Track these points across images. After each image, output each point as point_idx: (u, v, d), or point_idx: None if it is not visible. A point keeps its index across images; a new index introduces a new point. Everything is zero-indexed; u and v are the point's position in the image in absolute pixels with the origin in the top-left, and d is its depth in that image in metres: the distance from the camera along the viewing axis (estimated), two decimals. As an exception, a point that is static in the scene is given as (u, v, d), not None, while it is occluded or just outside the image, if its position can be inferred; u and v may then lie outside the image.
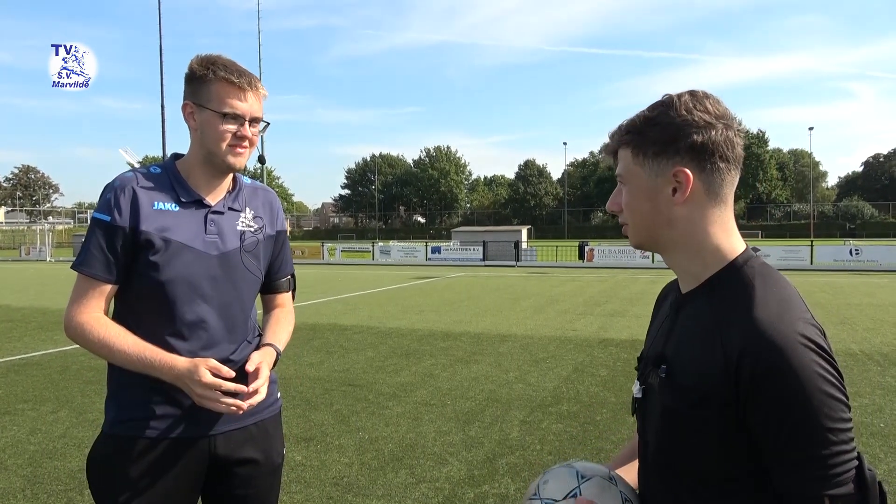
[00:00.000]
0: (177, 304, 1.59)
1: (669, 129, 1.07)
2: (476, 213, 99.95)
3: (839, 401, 0.95)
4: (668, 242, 1.14)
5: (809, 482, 0.95)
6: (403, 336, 9.18)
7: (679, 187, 1.08)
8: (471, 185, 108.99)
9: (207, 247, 1.63)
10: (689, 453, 1.08)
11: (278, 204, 1.85)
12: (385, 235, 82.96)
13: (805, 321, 0.99)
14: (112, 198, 1.58)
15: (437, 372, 6.85)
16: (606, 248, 28.90)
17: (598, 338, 8.89)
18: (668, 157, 1.08)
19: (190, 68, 1.62)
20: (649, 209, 1.12)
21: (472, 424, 5.00)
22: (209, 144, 1.61)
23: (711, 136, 1.06)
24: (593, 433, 4.78)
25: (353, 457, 4.33)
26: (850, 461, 0.95)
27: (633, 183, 1.13)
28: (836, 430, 0.95)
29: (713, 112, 1.08)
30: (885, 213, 77.96)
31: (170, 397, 1.59)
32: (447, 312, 11.86)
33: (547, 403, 5.59)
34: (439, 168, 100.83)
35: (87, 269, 1.57)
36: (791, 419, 0.95)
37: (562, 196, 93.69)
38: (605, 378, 6.52)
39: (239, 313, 1.70)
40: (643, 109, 1.13)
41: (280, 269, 1.85)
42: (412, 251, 32.17)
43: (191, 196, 1.64)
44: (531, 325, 10.11)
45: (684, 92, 1.11)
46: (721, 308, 1.05)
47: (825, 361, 0.96)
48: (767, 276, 1.07)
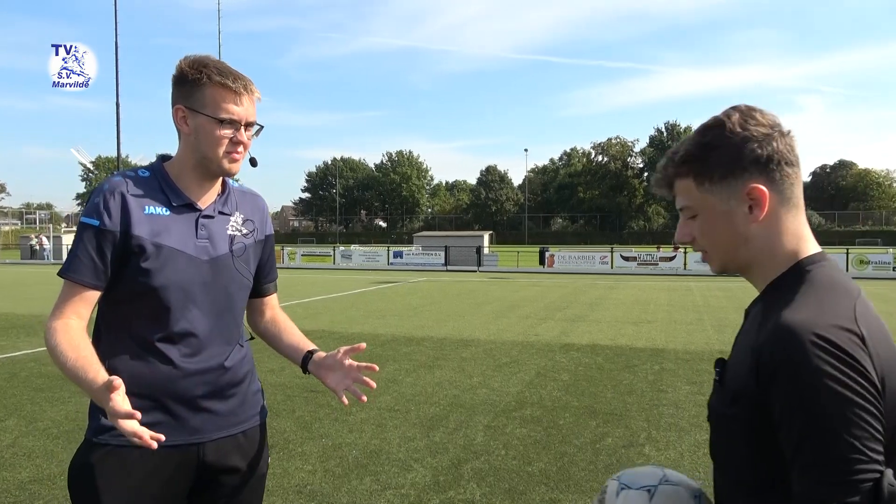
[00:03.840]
0: (169, 310, 1.55)
1: (731, 149, 1.07)
2: (437, 217, 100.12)
3: (859, 406, 0.91)
4: (746, 259, 1.13)
5: (816, 486, 0.91)
6: (366, 341, 8.98)
7: (755, 204, 1.08)
8: (432, 189, 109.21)
9: (199, 251, 1.60)
10: (728, 455, 1.09)
11: (267, 208, 1.83)
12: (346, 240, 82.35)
13: (834, 325, 0.95)
14: (101, 201, 1.53)
15: (401, 377, 6.83)
16: (567, 254, 29.30)
17: (559, 343, 8.99)
18: (737, 178, 1.07)
19: (179, 70, 1.58)
20: (729, 233, 1.11)
21: (437, 430, 4.99)
22: (204, 150, 1.58)
23: (773, 146, 1.07)
24: (556, 437, 4.82)
25: (317, 464, 4.27)
26: (866, 471, 0.89)
27: (706, 211, 1.12)
28: (852, 436, 0.90)
29: (765, 122, 1.08)
30: (831, 222, 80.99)
31: (159, 403, 1.56)
32: (410, 317, 11.83)
33: (510, 408, 5.62)
34: (401, 172, 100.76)
35: (74, 276, 1.52)
36: (800, 418, 0.93)
37: (522, 202, 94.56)
38: (568, 382, 6.59)
39: (230, 318, 1.67)
40: (691, 137, 1.12)
41: (268, 274, 1.84)
42: (374, 256, 32.03)
43: (181, 200, 1.61)
44: (494, 330, 10.16)
45: (729, 111, 1.11)
46: (768, 310, 1.05)
47: (844, 364, 0.92)
48: (823, 280, 1.05)
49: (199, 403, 1.60)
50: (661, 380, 6.70)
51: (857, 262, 24.94)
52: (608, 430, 5.01)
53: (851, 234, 71.15)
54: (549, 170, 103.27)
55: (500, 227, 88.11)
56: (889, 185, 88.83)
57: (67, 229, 52.68)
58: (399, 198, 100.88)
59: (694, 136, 1.12)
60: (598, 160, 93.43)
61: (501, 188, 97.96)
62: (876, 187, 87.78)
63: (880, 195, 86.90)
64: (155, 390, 1.55)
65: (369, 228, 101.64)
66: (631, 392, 6.18)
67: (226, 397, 1.65)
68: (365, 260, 31.69)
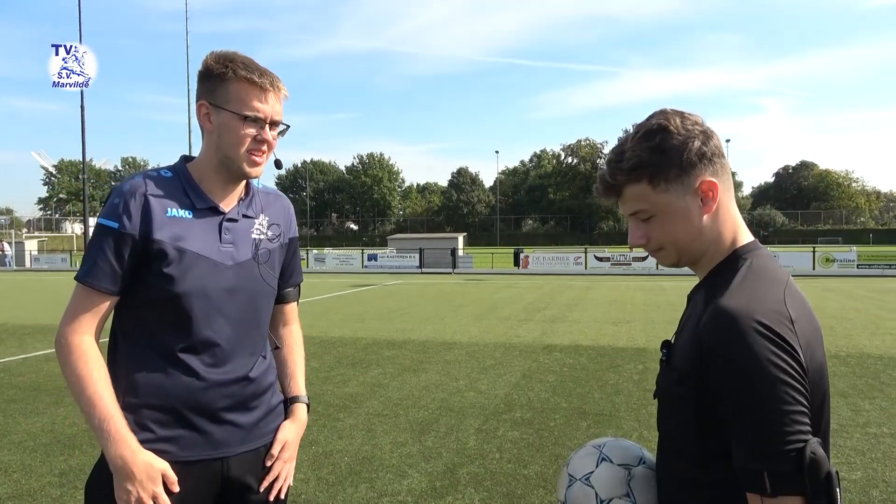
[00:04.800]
0: (191, 319, 1.48)
1: (680, 149, 1.14)
2: (409, 220, 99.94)
3: (787, 384, 0.99)
4: (699, 250, 1.20)
5: (751, 457, 1.00)
6: (347, 345, 9.01)
7: (707, 196, 1.16)
8: (404, 192, 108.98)
9: (223, 257, 1.52)
10: (674, 429, 1.17)
11: (292, 209, 1.75)
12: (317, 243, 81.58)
13: (768, 309, 1.04)
14: (121, 203, 1.45)
15: (386, 381, 6.74)
16: (541, 255, 29.45)
17: (541, 344, 9.00)
18: (689, 174, 1.14)
19: (205, 65, 1.50)
20: (686, 228, 1.17)
21: (428, 434, 4.93)
22: (226, 148, 1.50)
23: (713, 141, 1.16)
24: (549, 439, 4.80)
25: (309, 472, 4.18)
26: (793, 442, 0.98)
27: (664, 210, 1.17)
28: (781, 411, 0.99)
29: (698, 122, 1.17)
30: (794, 221, 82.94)
31: (180, 416, 1.48)
32: (389, 320, 11.74)
33: (500, 411, 5.59)
34: (372, 175, 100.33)
35: (93, 282, 1.44)
36: (736, 395, 1.01)
37: (494, 204, 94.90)
38: (554, 384, 6.59)
39: (255, 327, 1.60)
40: (635, 143, 1.16)
41: (291, 278, 1.76)
42: (348, 259, 31.76)
43: (205, 202, 1.53)
44: (475, 333, 10.13)
45: (661, 114, 1.17)
46: (710, 295, 1.12)
47: (775, 346, 1.00)
48: (756, 267, 1.14)
49: (222, 416, 1.53)
50: (646, 379, 6.73)
51: (823, 260, 25.54)
52: (600, 430, 5.01)
53: (813, 233, 73.01)
54: (519, 171, 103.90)
55: (471, 228, 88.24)
56: (848, 186, 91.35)
57: (29, 235, 51.24)
58: (370, 200, 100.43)
59: (639, 142, 1.15)
60: (567, 162, 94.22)
61: (473, 190, 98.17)
62: (836, 187, 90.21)
63: (840, 195, 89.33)
64: (177, 402, 1.48)
65: (340, 231, 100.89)
66: (618, 392, 6.20)
67: (250, 409, 1.58)
68: (339, 263, 31.41)
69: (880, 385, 6.36)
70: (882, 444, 4.60)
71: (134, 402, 1.48)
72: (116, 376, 1.47)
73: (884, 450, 4.49)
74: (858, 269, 24.84)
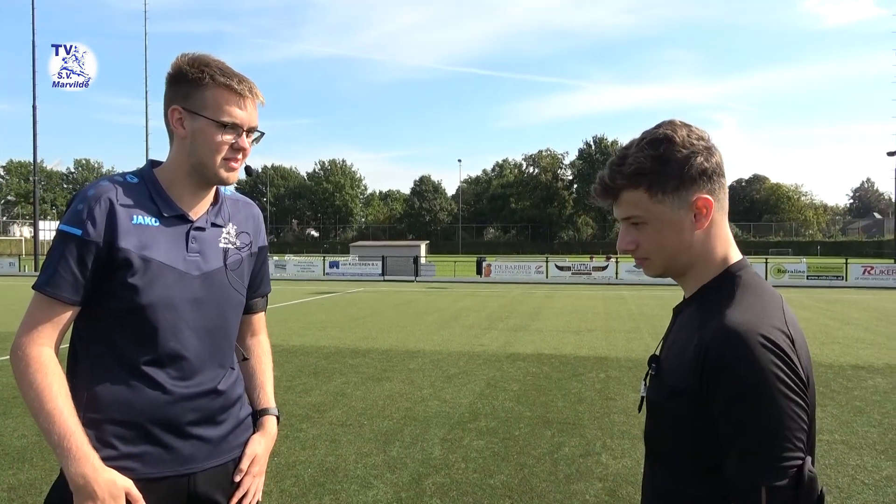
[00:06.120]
0: (157, 331, 1.42)
1: (682, 162, 1.14)
2: (371, 227, 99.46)
3: (792, 401, 1.01)
4: (686, 264, 1.21)
5: (751, 471, 1.01)
6: (309, 354, 8.89)
7: (700, 213, 1.16)
8: (366, 199, 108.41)
9: (189, 267, 1.47)
10: (667, 445, 1.17)
11: (261, 218, 1.71)
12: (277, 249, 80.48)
13: (773, 327, 1.06)
14: (85, 209, 1.39)
15: (350, 391, 6.67)
16: (503, 264, 29.62)
17: (505, 352, 9.03)
18: (687, 189, 1.15)
19: (177, 69, 1.45)
20: (675, 240, 1.18)
21: (393, 444, 4.89)
22: (201, 155, 1.46)
23: (715, 159, 1.16)
24: (514, 448, 4.81)
25: (272, 484, 4.09)
26: (793, 458, 1.00)
27: (657, 220, 1.17)
28: (785, 427, 1.00)
29: (704, 137, 1.17)
30: (747, 233, 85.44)
31: (145, 432, 1.43)
32: (352, 328, 11.63)
33: (465, 420, 5.58)
34: (334, 181, 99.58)
35: (53, 291, 1.38)
36: (742, 410, 1.02)
37: (456, 212, 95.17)
38: (518, 392, 6.61)
39: (223, 338, 1.55)
40: (639, 149, 1.16)
41: (259, 288, 1.71)
42: (309, 266, 31.38)
43: (173, 210, 1.48)
44: (438, 341, 10.11)
45: (669, 125, 1.17)
46: (705, 311, 1.13)
47: (783, 364, 1.02)
48: (752, 285, 1.15)
49: (189, 431, 1.48)
50: (608, 388, 6.82)
51: (775, 270, 26.35)
52: (564, 439, 5.04)
53: (765, 245, 75.41)
54: (482, 180, 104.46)
55: (434, 236, 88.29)
56: (798, 199, 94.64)
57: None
58: (332, 207, 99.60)
59: (643, 148, 1.15)
60: (529, 172, 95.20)
61: (435, 198, 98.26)
62: (786, 200, 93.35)
63: (790, 208, 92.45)
64: (141, 417, 1.42)
65: (301, 238, 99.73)
66: (581, 401, 6.26)
67: (218, 423, 1.54)
68: (300, 270, 31.00)
69: (831, 393, 6.57)
70: (834, 451, 4.75)
71: (96, 418, 1.42)
72: (77, 390, 1.41)
73: (836, 456, 4.64)
74: (808, 280, 25.71)
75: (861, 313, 14.43)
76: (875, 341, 10.15)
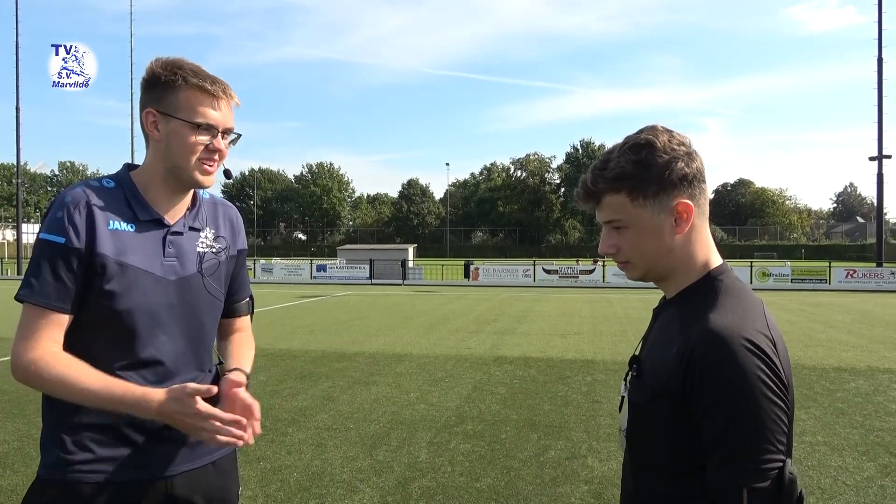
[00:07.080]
0: (134, 336, 1.41)
1: (663, 167, 1.15)
2: (359, 230, 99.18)
3: (775, 404, 1.03)
4: (667, 268, 1.22)
5: (733, 472, 1.02)
6: (296, 357, 8.85)
7: (680, 218, 1.17)
8: (354, 202, 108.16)
9: (165, 271, 1.46)
10: (648, 446, 1.18)
11: (240, 220, 1.70)
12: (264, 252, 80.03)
13: (756, 330, 1.07)
14: (65, 216, 1.38)
15: (336, 395, 6.65)
16: (491, 268, 29.67)
17: (492, 356, 9.04)
18: (668, 193, 1.16)
19: (151, 72, 1.45)
20: (656, 245, 1.19)
21: (380, 448, 4.88)
22: (176, 158, 1.45)
23: (696, 165, 1.18)
24: (500, 452, 4.82)
25: (257, 489, 4.07)
26: (775, 461, 1.02)
27: (637, 224, 1.18)
28: (768, 430, 1.02)
29: (685, 143, 1.18)
30: (732, 237, 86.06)
31: (121, 436, 1.42)
32: (339, 332, 11.60)
33: (452, 423, 5.58)
34: (322, 185, 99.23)
35: (39, 299, 1.36)
36: (727, 412, 1.03)
37: (444, 215, 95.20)
38: (505, 396, 6.62)
39: (200, 343, 1.54)
40: (621, 154, 1.17)
41: (239, 292, 1.70)
42: (296, 269, 31.23)
43: (149, 214, 1.47)
44: (425, 345, 10.11)
45: (651, 130, 1.18)
46: (687, 314, 1.15)
47: (766, 367, 1.04)
48: (733, 289, 1.17)
49: (165, 434, 1.46)
50: (594, 391, 6.85)
51: (759, 274, 26.58)
52: (550, 442, 5.05)
53: (750, 248, 76.02)
54: (469, 184, 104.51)
55: (421, 240, 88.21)
56: (782, 203, 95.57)
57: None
58: (320, 210, 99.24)
59: (625, 153, 1.17)
60: (516, 175, 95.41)
61: (423, 202, 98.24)
62: (771, 204, 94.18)
63: (775, 212, 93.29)
64: (117, 421, 1.41)
65: (288, 241, 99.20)
66: (567, 404, 6.28)
67: None
68: (287, 273, 30.87)
69: (814, 395, 6.64)
70: (817, 453, 4.80)
71: (72, 422, 1.41)
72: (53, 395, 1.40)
73: (819, 458, 4.69)
74: (792, 283, 25.95)
75: (844, 316, 14.61)
76: (857, 344, 10.28)
